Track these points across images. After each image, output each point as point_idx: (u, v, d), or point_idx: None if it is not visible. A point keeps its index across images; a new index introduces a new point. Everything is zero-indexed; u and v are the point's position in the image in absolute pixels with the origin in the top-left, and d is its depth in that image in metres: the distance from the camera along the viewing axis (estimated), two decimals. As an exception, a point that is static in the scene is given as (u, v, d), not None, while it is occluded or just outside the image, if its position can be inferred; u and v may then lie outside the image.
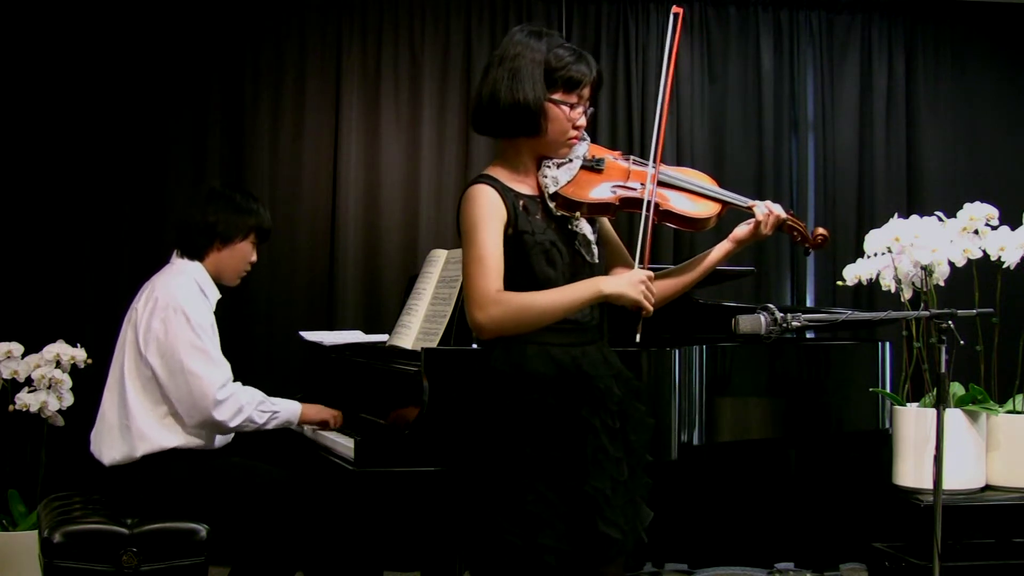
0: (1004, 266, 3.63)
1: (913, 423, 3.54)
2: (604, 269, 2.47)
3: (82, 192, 4.47)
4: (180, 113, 4.54)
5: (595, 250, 2.39)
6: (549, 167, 2.37)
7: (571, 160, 2.39)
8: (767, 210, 2.45)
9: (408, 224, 4.60)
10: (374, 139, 4.62)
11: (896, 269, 3.69)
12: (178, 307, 3.02)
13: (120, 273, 4.42)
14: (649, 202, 2.35)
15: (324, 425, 3.22)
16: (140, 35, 4.52)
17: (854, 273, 3.82)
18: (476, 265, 2.24)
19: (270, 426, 3.10)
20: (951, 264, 3.62)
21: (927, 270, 3.62)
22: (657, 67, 4.72)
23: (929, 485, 3.01)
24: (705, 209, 2.44)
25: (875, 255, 3.75)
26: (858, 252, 3.91)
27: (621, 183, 2.39)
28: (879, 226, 3.76)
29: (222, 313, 3.20)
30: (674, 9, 2.41)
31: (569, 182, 2.36)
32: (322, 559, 3.19)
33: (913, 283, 3.70)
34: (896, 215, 3.75)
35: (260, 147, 4.58)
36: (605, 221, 2.50)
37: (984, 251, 3.63)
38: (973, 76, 4.93)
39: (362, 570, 3.49)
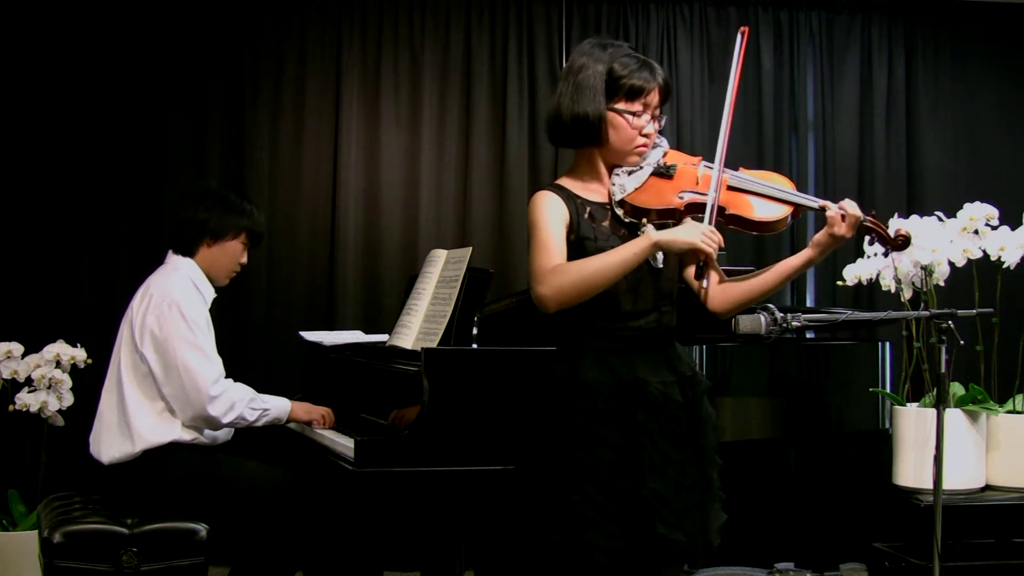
0: (1004, 266, 3.63)
1: (913, 423, 3.54)
2: (673, 274, 2.46)
3: (82, 192, 4.46)
4: (180, 113, 4.53)
5: (660, 256, 2.40)
6: (618, 175, 2.41)
7: (641, 167, 2.42)
8: (840, 210, 2.33)
9: (408, 224, 4.60)
10: (374, 139, 4.62)
11: (896, 269, 3.69)
12: (173, 303, 3.03)
13: (120, 273, 4.42)
14: (713, 207, 2.35)
15: (313, 424, 3.22)
16: (140, 35, 4.51)
17: (854, 273, 3.82)
18: (537, 248, 2.32)
19: (260, 423, 3.10)
20: (951, 264, 3.62)
21: (927, 270, 3.62)
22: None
23: (929, 485, 3.01)
24: (774, 212, 2.40)
25: (875, 255, 3.75)
26: (858, 252, 3.91)
27: (690, 189, 2.41)
28: (879, 226, 3.76)
29: (223, 313, 3.20)
30: (741, 29, 2.60)
31: (636, 189, 2.39)
32: (322, 559, 3.19)
33: (913, 283, 3.70)
34: (896, 215, 3.75)
35: (260, 147, 4.58)
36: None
37: (984, 251, 3.63)
38: (973, 76, 4.93)
39: (362, 570, 3.49)
